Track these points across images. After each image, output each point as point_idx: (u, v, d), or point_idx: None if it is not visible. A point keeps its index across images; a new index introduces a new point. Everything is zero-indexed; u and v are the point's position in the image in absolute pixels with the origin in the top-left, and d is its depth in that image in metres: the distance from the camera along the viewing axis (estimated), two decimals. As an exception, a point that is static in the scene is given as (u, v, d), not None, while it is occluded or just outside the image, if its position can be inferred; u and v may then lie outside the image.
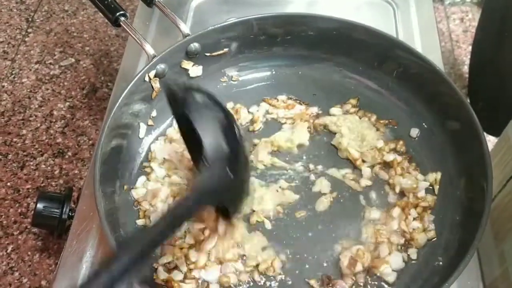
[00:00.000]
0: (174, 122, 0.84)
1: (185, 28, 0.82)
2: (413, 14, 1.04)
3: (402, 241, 0.73)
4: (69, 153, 1.09)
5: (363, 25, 0.86)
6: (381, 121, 0.83)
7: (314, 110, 0.86)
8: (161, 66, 0.79)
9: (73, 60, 1.24)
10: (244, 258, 0.70)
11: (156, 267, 0.69)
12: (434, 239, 0.72)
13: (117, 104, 0.73)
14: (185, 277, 0.69)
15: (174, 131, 0.82)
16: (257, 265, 0.70)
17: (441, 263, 0.70)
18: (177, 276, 0.69)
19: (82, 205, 0.80)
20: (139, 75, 0.76)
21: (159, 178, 0.76)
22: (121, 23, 0.80)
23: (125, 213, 0.73)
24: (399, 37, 0.98)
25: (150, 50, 0.78)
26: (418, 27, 1.02)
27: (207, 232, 0.72)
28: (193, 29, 0.84)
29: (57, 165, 1.08)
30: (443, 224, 0.73)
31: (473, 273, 0.72)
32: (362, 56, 0.88)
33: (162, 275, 0.68)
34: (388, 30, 0.88)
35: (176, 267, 0.69)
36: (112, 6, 0.80)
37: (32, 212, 1.04)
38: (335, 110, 0.85)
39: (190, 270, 0.69)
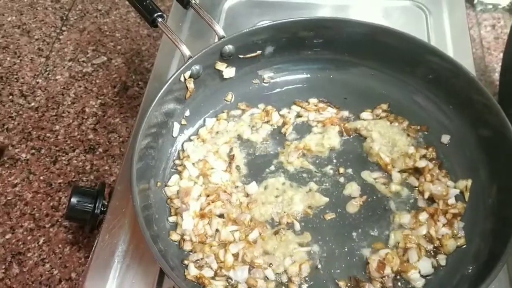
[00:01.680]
0: (207, 121, 0.85)
1: (220, 30, 0.83)
2: (445, 20, 1.03)
3: (431, 246, 0.73)
4: (100, 150, 1.11)
5: (394, 30, 0.86)
6: (412, 127, 0.83)
7: (345, 114, 0.86)
8: (196, 67, 0.81)
9: (105, 58, 1.26)
10: (272, 265, 0.71)
11: (187, 264, 0.71)
12: (464, 246, 0.72)
13: (153, 104, 0.75)
14: (215, 275, 0.70)
15: (206, 131, 0.84)
16: (285, 271, 0.71)
17: (470, 270, 0.70)
18: (208, 273, 0.70)
19: (115, 200, 0.82)
20: (175, 75, 0.78)
21: (192, 177, 0.78)
22: (158, 24, 0.82)
23: (158, 210, 0.75)
24: (431, 42, 0.98)
25: (186, 51, 0.80)
26: (450, 33, 1.01)
27: (237, 235, 0.73)
28: (225, 31, 0.85)
29: (88, 161, 1.10)
30: (473, 231, 0.73)
31: (502, 282, 0.72)
32: (393, 61, 0.88)
33: (193, 271, 0.70)
34: (420, 36, 0.88)
35: (206, 265, 0.71)
36: (151, 7, 0.82)
37: (64, 206, 1.07)
38: (366, 114, 0.85)
39: (220, 268, 0.70)
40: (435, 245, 0.73)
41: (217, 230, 0.73)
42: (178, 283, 0.63)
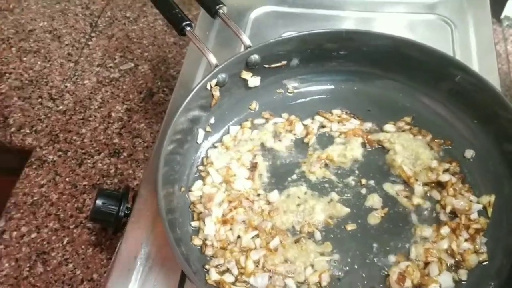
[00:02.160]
0: (231, 129, 0.87)
1: (246, 40, 0.85)
2: (471, 34, 1.03)
3: (452, 261, 0.72)
4: (125, 154, 1.13)
5: (419, 43, 0.87)
6: (436, 141, 0.83)
7: (368, 125, 0.87)
8: (222, 75, 0.82)
9: (132, 64, 1.29)
10: (293, 274, 0.72)
11: (208, 268, 0.72)
12: (486, 262, 0.72)
13: (179, 110, 0.76)
14: (236, 280, 0.71)
15: (230, 139, 0.85)
16: (306, 280, 0.71)
17: (491, 287, 0.69)
18: (228, 278, 0.71)
19: (138, 204, 0.84)
20: (201, 83, 0.79)
21: (215, 183, 0.79)
22: (186, 32, 0.84)
23: (181, 214, 0.76)
24: (456, 57, 0.98)
25: (212, 59, 0.81)
26: (475, 48, 1.01)
27: (258, 242, 0.74)
28: (250, 41, 0.86)
29: (112, 164, 1.12)
30: (496, 247, 0.72)
31: (524, 300, 0.71)
32: (418, 74, 0.88)
33: (214, 276, 0.71)
34: (445, 50, 0.88)
35: (227, 270, 0.72)
36: (179, 16, 0.84)
37: (88, 208, 1.09)
38: (389, 126, 0.86)
39: (241, 274, 0.71)
40: (457, 259, 0.72)
41: (238, 237, 0.74)
42: (200, 287, 0.64)
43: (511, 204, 0.74)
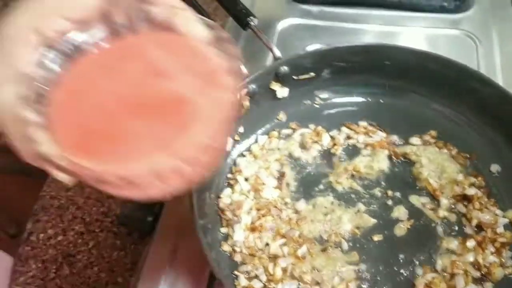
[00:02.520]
0: (259, 139, 0.88)
1: (277, 51, 0.86)
2: (495, 50, 1.04)
3: (478, 274, 0.73)
4: (150, 160, 1.15)
5: (443, 57, 0.87)
6: (462, 154, 0.84)
7: (394, 138, 0.88)
8: (252, 86, 0.84)
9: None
10: (320, 282, 0.73)
11: (237, 274, 0.73)
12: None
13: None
14: (264, 287, 0.72)
15: (258, 148, 0.87)
16: (333, 288, 0.73)
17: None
18: (257, 285, 0.72)
19: (167, 209, 0.86)
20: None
21: (244, 191, 0.81)
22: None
23: (211, 221, 0.78)
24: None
25: (243, 69, 0.83)
26: (500, 63, 1.02)
27: (285, 250, 0.75)
28: (278, 52, 0.88)
29: (138, 170, 1.14)
30: (522, 261, 0.73)
31: (550, 314, 0.72)
32: (443, 88, 0.89)
33: (243, 282, 0.72)
34: (469, 65, 0.89)
35: (256, 276, 0.73)
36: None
37: (113, 212, 1.11)
38: (415, 140, 0.87)
39: (269, 281, 0.72)
40: (483, 272, 0.73)
41: (266, 244, 0.76)
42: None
43: (537, 219, 0.75)
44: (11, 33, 0.48)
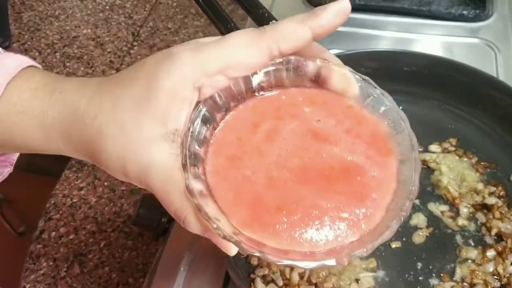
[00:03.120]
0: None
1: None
2: (515, 60, 1.04)
3: (498, 284, 0.72)
4: (162, 161, 1.15)
5: (460, 63, 0.87)
6: (482, 163, 0.83)
7: (413, 145, 0.87)
8: (271, 89, 0.84)
9: (172, 74, 1.32)
10: None
11: (253, 277, 0.72)
12: (532, 287, 0.71)
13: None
14: (281, 291, 0.71)
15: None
16: (351, 294, 0.72)
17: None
18: (273, 289, 0.71)
19: (182, 210, 0.85)
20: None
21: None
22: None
23: (228, 223, 0.77)
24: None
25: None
26: (519, 73, 1.01)
27: None
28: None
29: (150, 171, 1.14)
30: (543, 273, 0.72)
31: None
32: (462, 96, 0.89)
33: (259, 285, 0.71)
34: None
35: (272, 280, 0.72)
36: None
37: (125, 212, 1.11)
38: (434, 147, 0.86)
39: (286, 285, 0.72)
40: (503, 283, 0.72)
41: (283, 248, 0.75)
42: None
43: (559, 230, 0.74)
44: (166, 84, 0.42)
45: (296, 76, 0.49)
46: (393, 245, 0.76)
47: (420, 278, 0.73)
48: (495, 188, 0.80)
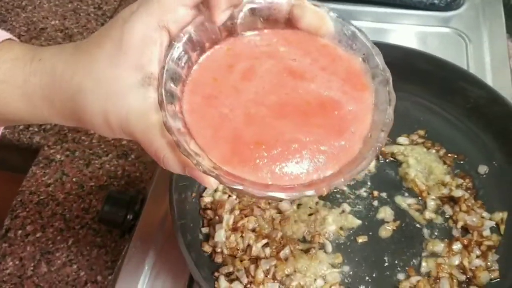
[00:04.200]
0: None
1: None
2: (485, 49, 1.03)
3: (463, 277, 0.72)
4: (133, 156, 1.12)
5: (431, 55, 0.87)
6: (449, 155, 0.83)
7: (381, 137, 0.86)
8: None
9: (142, 66, 1.30)
10: (303, 285, 0.71)
11: (217, 276, 0.71)
12: (497, 280, 0.71)
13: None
14: (245, 289, 0.70)
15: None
16: (315, 291, 0.71)
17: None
18: (237, 286, 0.70)
19: (147, 208, 0.83)
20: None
21: (227, 190, 0.79)
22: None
23: (192, 220, 0.76)
24: (470, 71, 0.98)
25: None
26: (490, 63, 1.01)
27: (267, 251, 0.73)
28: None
29: (120, 166, 1.12)
30: (508, 265, 0.72)
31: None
32: (431, 87, 0.88)
33: (223, 284, 0.70)
34: (459, 64, 0.88)
35: (237, 278, 0.71)
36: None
37: (94, 209, 1.09)
38: (403, 139, 0.85)
39: (251, 283, 0.70)
40: (468, 276, 0.72)
41: (248, 245, 0.73)
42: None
43: (524, 222, 0.74)
44: (134, 32, 0.44)
45: (270, 16, 0.49)
46: (360, 240, 0.76)
47: (386, 272, 0.73)
48: (462, 180, 0.80)
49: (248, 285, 0.70)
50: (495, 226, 0.76)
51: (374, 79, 0.49)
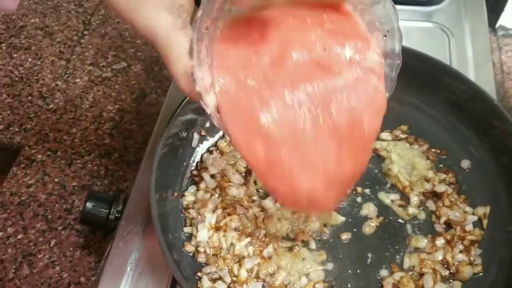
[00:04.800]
0: (226, 135, 0.85)
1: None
2: (468, 43, 1.03)
3: (447, 272, 0.72)
4: (115, 155, 1.11)
5: (414, 50, 0.86)
6: (432, 150, 0.83)
7: (364, 133, 0.86)
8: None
9: (125, 64, 1.27)
10: (287, 283, 0.70)
11: (200, 276, 0.71)
12: (480, 274, 0.71)
13: (175, 113, 0.75)
14: (228, 288, 0.70)
15: (225, 144, 0.84)
16: (299, 288, 0.70)
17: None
18: (221, 286, 0.69)
19: (129, 207, 0.82)
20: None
21: (209, 189, 0.78)
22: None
23: (174, 220, 0.75)
24: (453, 66, 0.98)
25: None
26: (472, 58, 1.01)
27: (250, 250, 0.72)
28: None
29: (103, 166, 1.10)
30: (491, 259, 0.72)
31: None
32: (414, 82, 0.88)
33: (206, 284, 0.69)
34: (442, 58, 0.88)
35: (220, 278, 0.70)
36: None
37: (77, 209, 1.07)
38: (386, 135, 0.85)
39: (234, 282, 0.70)
40: (451, 271, 0.72)
41: (231, 244, 0.73)
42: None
43: (506, 216, 0.74)
44: None
45: None
46: (343, 236, 0.75)
47: (370, 269, 0.73)
48: (445, 175, 0.80)
49: (232, 285, 0.69)
50: (477, 220, 0.76)
51: (384, 59, 0.53)
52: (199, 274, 0.71)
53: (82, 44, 1.33)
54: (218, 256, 0.72)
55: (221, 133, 0.86)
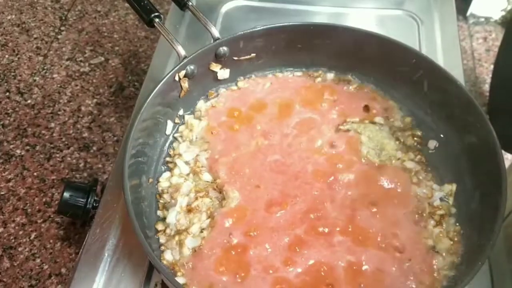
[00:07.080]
0: (185, 118, 0.86)
1: (215, 32, 0.85)
2: (437, 30, 1.06)
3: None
4: (94, 148, 1.12)
5: (383, 36, 0.88)
6: (400, 132, 0.85)
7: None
8: (191, 67, 0.82)
9: (102, 58, 1.28)
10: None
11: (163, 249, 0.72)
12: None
13: (147, 101, 0.76)
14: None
15: (184, 128, 0.85)
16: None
17: (453, 274, 0.71)
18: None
19: (106, 196, 0.83)
20: (169, 74, 0.79)
21: (183, 174, 0.79)
22: (155, 24, 0.84)
23: (149, 205, 0.76)
24: (422, 51, 1.00)
25: (181, 51, 0.81)
26: (441, 44, 1.04)
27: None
28: (221, 34, 0.87)
29: (82, 159, 1.11)
30: (467, 232, 0.74)
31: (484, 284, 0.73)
32: (384, 67, 0.90)
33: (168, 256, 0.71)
34: (411, 45, 0.90)
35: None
36: (148, 7, 0.84)
37: (56, 202, 1.08)
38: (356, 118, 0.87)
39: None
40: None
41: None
42: (167, 275, 0.64)
43: (471, 193, 0.76)
44: None
45: None
46: (315, 217, 0.77)
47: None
48: (413, 156, 0.82)
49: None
50: (444, 197, 0.78)
51: None
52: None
53: (59, 39, 1.34)
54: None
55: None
